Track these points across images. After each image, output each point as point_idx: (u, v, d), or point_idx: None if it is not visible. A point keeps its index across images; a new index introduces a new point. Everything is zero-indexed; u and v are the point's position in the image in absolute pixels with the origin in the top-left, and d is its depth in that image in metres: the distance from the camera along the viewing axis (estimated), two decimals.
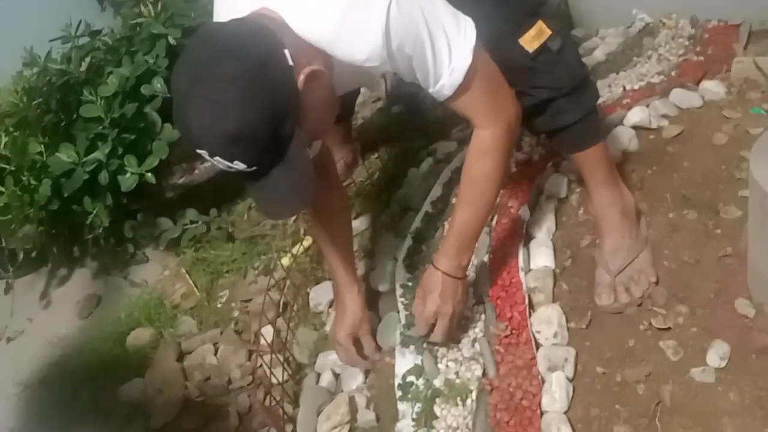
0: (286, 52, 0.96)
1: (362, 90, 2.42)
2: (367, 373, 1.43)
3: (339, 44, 1.02)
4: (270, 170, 0.98)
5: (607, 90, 1.84)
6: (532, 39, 1.25)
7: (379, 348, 1.45)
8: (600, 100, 1.78)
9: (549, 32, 1.27)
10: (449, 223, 1.25)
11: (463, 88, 1.10)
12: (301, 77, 0.97)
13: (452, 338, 1.33)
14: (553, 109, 1.33)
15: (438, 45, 1.05)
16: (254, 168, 0.96)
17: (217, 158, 0.95)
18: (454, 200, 1.68)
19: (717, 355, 1.16)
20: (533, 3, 1.32)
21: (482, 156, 1.20)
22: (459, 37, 1.06)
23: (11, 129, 1.88)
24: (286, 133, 0.96)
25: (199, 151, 0.95)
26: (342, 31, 1.00)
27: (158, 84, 1.87)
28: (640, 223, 1.43)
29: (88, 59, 1.92)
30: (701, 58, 1.84)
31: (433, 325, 1.29)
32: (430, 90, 1.11)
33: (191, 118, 0.94)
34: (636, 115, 1.66)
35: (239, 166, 0.95)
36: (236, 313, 1.79)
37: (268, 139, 0.95)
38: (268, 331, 1.57)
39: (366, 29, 1.00)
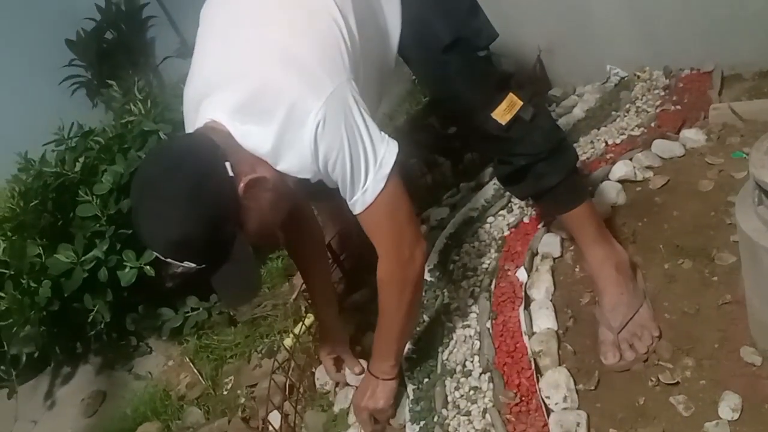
0: (227, 164, 1.07)
1: None
2: None
3: (278, 159, 1.13)
4: (220, 267, 1.09)
5: (590, 146, 1.88)
6: (504, 112, 1.31)
7: (359, 365, 1.56)
8: (584, 157, 1.84)
9: (520, 103, 1.32)
10: (375, 337, 1.39)
11: (371, 211, 1.17)
12: (242, 185, 1.09)
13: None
14: (534, 174, 1.37)
15: (355, 166, 1.13)
16: (204, 266, 1.09)
17: (169, 259, 1.09)
18: (450, 267, 1.69)
19: (728, 407, 1.15)
20: (502, 77, 1.37)
21: (382, 286, 1.28)
22: (375, 164, 1.14)
23: (9, 233, 1.91)
24: (228, 236, 1.08)
25: (155, 253, 1.10)
26: (279, 148, 1.11)
27: None
28: (637, 276, 1.44)
29: (81, 159, 1.96)
30: (678, 107, 1.88)
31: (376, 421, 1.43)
32: (348, 203, 1.19)
33: (142, 229, 1.09)
34: (620, 169, 1.69)
35: (190, 265, 1.08)
36: (243, 400, 1.77)
37: (209, 243, 1.07)
38: (275, 417, 1.55)
39: (298, 147, 1.10)
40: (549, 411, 1.27)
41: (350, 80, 1.12)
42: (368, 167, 1.13)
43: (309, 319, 1.81)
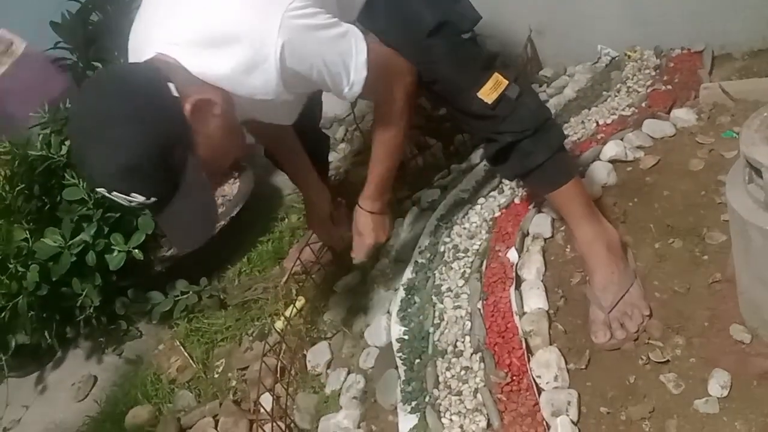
0: (170, 85, 1.04)
1: (342, 145, 2.46)
2: None
3: (238, 83, 1.11)
4: (170, 200, 1.05)
5: (581, 126, 1.87)
6: (490, 90, 1.32)
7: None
8: (575, 137, 1.83)
9: (506, 82, 1.33)
10: (368, 173, 1.47)
11: (365, 87, 1.21)
12: (188, 106, 1.05)
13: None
14: (520, 152, 1.38)
15: (335, 71, 1.17)
16: (154, 199, 1.04)
17: (114, 194, 1.03)
18: (442, 248, 1.69)
19: (718, 384, 1.16)
20: (486, 57, 1.37)
21: (388, 125, 1.37)
22: (352, 60, 1.18)
23: None
24: (178, 162, 1.04)
25: (98, 190, 1.04)
26: (238, 72, 1.09)
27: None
28: (628, 255, 1.44)
29: (68, 142, 1.93)
30: (669, 87, 1.88)
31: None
32: (341, 96, 1.24)
33: (85, 160, 1.04)
34: (611, 149, 1.69)
35: (138, 198, 1.03)
36: (234, 383, 1.77)
37: (157, 168, 1.02)
38: (267, 399, 1.55)
39: (263, 68, 1.09)
40: (540, 390, 1.27)
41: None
42: (348, 67, 1.17)
43: (300, 302, 1.81)
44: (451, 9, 1.35)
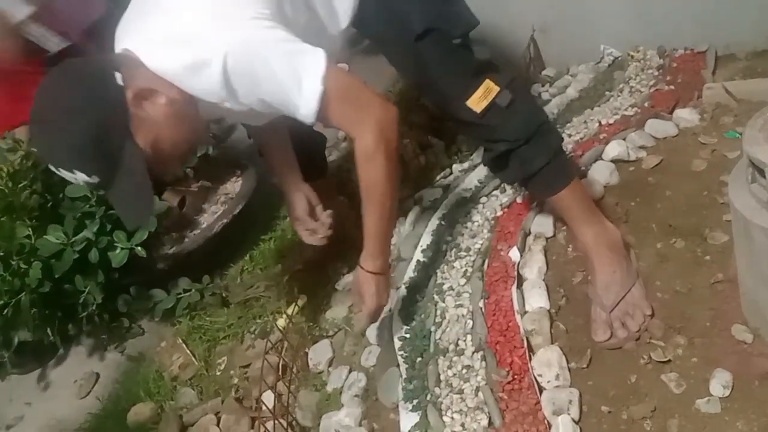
0: (117, 74, 1.13)
1: (344, 144, 2.46)
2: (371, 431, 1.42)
3: (185, 81, 1.16)
4: (113, 181, 1.14)
5: (583, 126, 1.87)
6: (480, 99, 1.31)
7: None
8: (577, 137, 1.83)
9: (497, 89, 1.32)
10: (364, 229, 1.35)
11: (323, 112, 1.18)
12: (129, 94, 1.13)
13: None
14: (517, 159, 1.38)
15: (285, 81, 1.15)
16: (96, 179, 1.13)
17: (60, 170, 1.13)
18: (443, 247, 1.69)
19: (720, 384, 1.16)
20: (479, 63, 1.36)
21: (366, 164, 1.25)
22: (306, 76, 1.15)
23: None
24: (116, 143, 1.12)
25: (50, 167, 1.14)
26: (185, 71, 1.15)
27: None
28: (630, 255, 1.44)
29: None
30: (672, 87, 1.88)
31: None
32: (297, 116, 1.21)
33: (36, 139, 1.17)
34: (614, 148, 1.69)
35: (81, 176, 1.12)
36: (236, 380, 1.77)
37: (96, 150, 1.11)
38: (269, 397, 1.55)
39: (205, 70, 1.13)
40: (541, 389, 1.27)
41: (258, 10, 1.15)
42: (300, 83, 1.15)
43: (302, 300, 1.81)
44: (443, 14, 1.33)
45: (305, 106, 1.17)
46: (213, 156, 2.39)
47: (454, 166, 2.01)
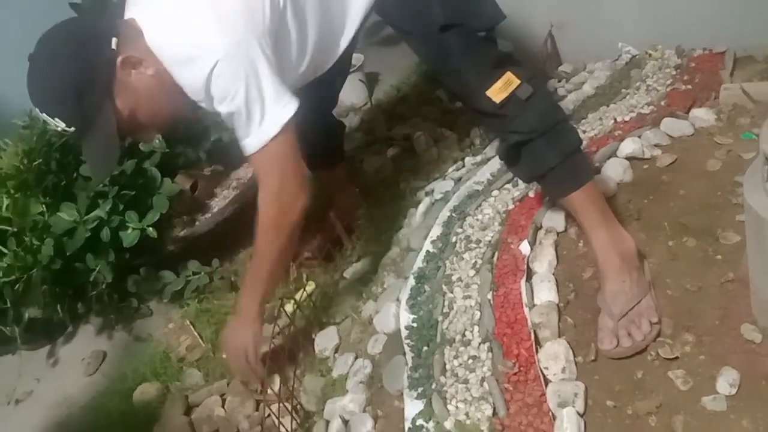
0: (114, 39, 1.21)
1: (358, 134, 2.47)
2: (376, 418, 1.42)
3: (174, 68, 1.25)
4: (85, 134, 1.23)
5: (599, 123, 1.87)
6: (499, 90, 1.31)
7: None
8: (592, 133, 1.83)
9: (517, 82, 1.31)
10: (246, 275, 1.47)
11: (260, 153, 1.28)
12: (119, 58, 1.22)
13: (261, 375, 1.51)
14: (532, 152, 1.36)
15: (252, 109, 1.24)
16: (72, 129, 1.22)
17: (43, 114, 1.21)
18: (453, 239, 1.69)
19: (727, 382, 1.15)
20: (500, 55, 1.36)
21: (259, 229, 1.38)
22: (264, 117, 1.25)
23: (12, 191, 1.90)
24: (95, 101, 1.21)
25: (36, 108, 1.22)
26: (177, 61, 1.24)
27: (156, 140, 1.90)
28: (644, 266, 1.40)
29: None
30: (689, 86, 1.87)
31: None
32: (240, 143, 1.30)
33: (28, 79, 1.22)
34: (628, 146, 1.68)
35: (60, 123, 1.21)
36: None
37: (76, 102, 1.19)
38: (274, 381, 1.56)
39: (193, 71, 1.22)
40: (547, 381, 1.27)
41: (265, 35, 1.23)
42: (264, 114, 1.24)
43: (310, 287, 1.82)
44: (467, 8, 1.34)
45: (256, 137, 1.26)
46: (226, 141, 2.40)
47: (467, 158, 2.01)
